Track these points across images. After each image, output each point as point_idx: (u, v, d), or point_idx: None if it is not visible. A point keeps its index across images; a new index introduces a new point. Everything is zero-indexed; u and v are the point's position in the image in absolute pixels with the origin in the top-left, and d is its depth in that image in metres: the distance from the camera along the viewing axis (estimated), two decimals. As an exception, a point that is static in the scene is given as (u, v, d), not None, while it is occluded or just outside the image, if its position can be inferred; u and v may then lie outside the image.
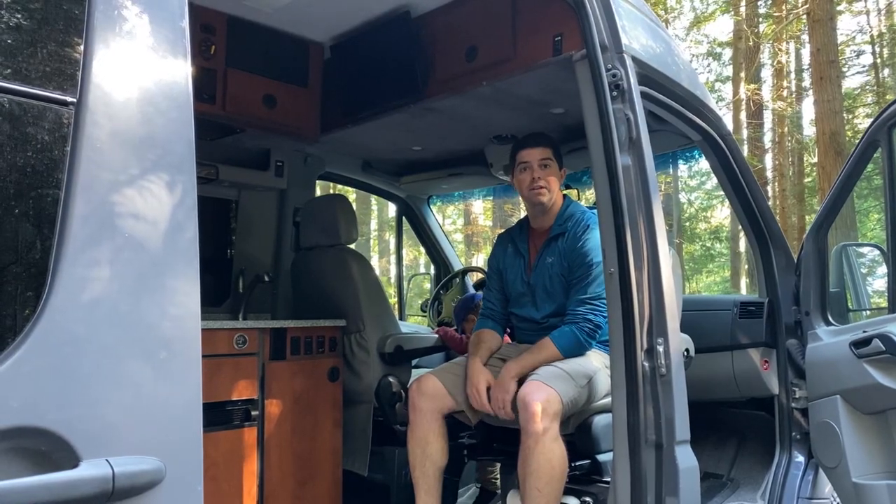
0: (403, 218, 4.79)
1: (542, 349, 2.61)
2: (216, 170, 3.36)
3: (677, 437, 2.24)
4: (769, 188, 17.79)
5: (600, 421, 2.63)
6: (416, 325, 4.63)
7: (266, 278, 3.50)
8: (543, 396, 2.36)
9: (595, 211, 2.46)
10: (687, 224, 21.24)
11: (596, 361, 2.63)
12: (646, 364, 2.26)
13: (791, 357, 3.29)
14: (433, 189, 4.51)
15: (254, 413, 2.95)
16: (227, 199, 3.73)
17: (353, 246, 3.52)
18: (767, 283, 3.38)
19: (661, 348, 2.25)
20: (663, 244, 2.33)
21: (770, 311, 3.34)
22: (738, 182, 3.23)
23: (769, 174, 17.92)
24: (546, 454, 2.33)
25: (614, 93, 2.38)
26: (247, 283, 3.57)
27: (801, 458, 3.23)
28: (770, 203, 13.41)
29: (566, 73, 2.56)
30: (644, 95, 2.55)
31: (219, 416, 2.83)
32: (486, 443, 2.98)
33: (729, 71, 18.38)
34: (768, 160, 18.28)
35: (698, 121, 3.00)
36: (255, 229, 3.78)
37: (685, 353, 2.93)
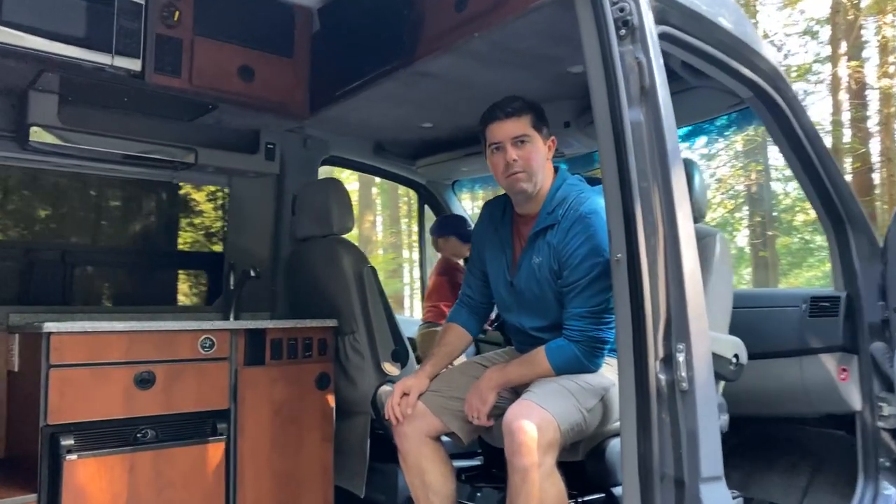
0: (426, 207, 4.35)
1: (532, 363, 2.12)
2: (195, 154, 3.02)
3: (703, 473, 1.71)
4: (876, 175, 16.31)
5: (616, 446, 2.11)
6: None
7: (253, 273, 3.15)
8: (535, 421, 1.87)
9: (600, 188, 1.94)
10: (782, 216, 19.92)
11: (611, 374, 2.11)
12: (661, 377, 1.75)
13: (877, 364, 2.71)
14: (454, 173, 4.05)
15: (220, 426, 2.59)
16: (215, 186, 3.41)
17: (352, 236, 3.11)
18: (845, 273, 2.79)
19: (681, 356, 1.74)
20: (685, 223, 1.80)
21: (848, 307, 2.77)
22: (803, 151, 2.63)
23: (875, 159, 16.42)
24: (536, 495, 1.84)
25: (622, 31, 1.88)
26: (238, 279, 3.23)
27: (890, 491, 2.64)
28: (877, 191, 12.24)
29: (570, 15, 2.05)
30: (667, 37, 2.03)
31: (175, 429, 2.49)
32: (488, 467, 2.51)
33: (828, 51, 16.97)
34: (874, 144, 16.75)
35: (748, 73, 2.43)
36: (248, 220, 3.43)
37: (733, 360, 2.36)
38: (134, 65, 2.57)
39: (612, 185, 1.85)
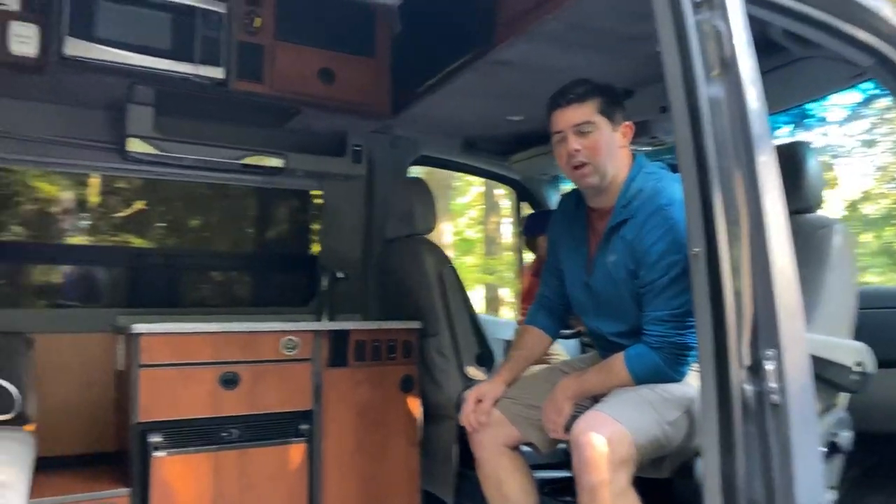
0: (523, 204, 4.19)
1: (610, 371, 1.94)
2: (284, 158, 3.07)
3: (799, 500, 1.47)
4: None
5: (707, 463, 1.89)
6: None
7: (341, 275, 3.17)
8: (605, 435, 1.70)
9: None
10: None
11: (698, 383, 1.88)
12: (747, 387, 1.53)
13: None
14: (551, 167, 3.85)
15: (302, 427, 2.60)
16: (308, 190, 3.46)
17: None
18: None
19: (770, 364, 1.50)
20: (776, 212, 1.57)
21: None
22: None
23: None
24: (606, 517, 1.67)
25: (698, -4, 1.67)
26: (329, 280, 3.26)
27: None
28: None
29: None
30: (759, 2, 1.79)
31: (258, 429, 2.53)
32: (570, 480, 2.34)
33: None
34: None
35: (867, 37, 2.11)
36: (340, 222, 3.45)
37: (856, 368, 2.06)
38: (217, 73, 2.65)
39: (688, 171, 1.64)
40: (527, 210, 4.12)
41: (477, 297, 11.09)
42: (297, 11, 2.84)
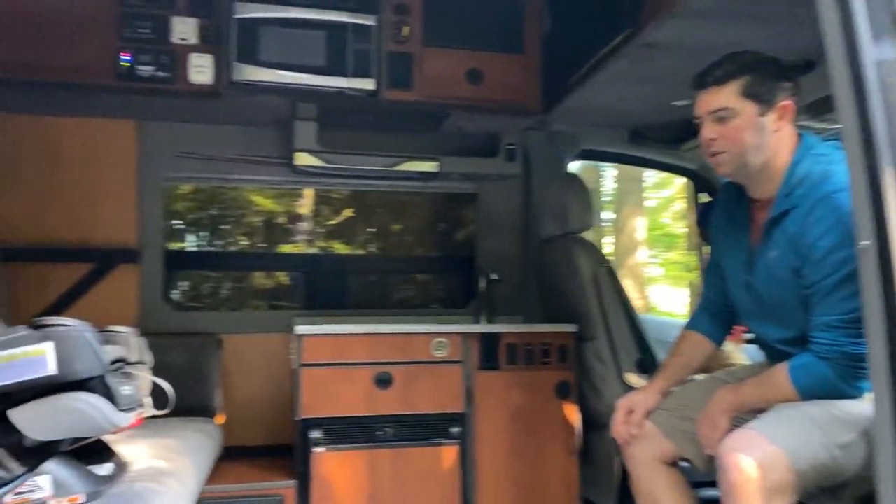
0: (700, 196, 3.84)
1: (771, 383, 1.70)
2: (438, 162, 3.10)
3: None
4: None
5: (898, 496, 1.58)
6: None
7: (495, 277, 3.13)
8: (756, 457, 1.48)
9: None
10: None
11: (881, 397, 1.58)
12: (933, 410, 1.25)
13: None
14: (729, 154, 3.50)
15: (454, 429, 2.60)
16: (466, 193, 3.47)
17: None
18: None
19: (964, 383, 1.22)
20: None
21: None
22: None
23: None
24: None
25: (864, -60, 1.40)
26: (487, 282, 3.24)
27: None
28: None
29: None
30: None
31: (412, 429, 2.57)
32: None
33: None
34: None
35: None
36: (497, 223, 3.41)
37: None
38: (368, 84, 2.74)
39: (853, 149, 1.38)
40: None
41: (682, 297, 10.46)
42: (444, 15, 2.85)
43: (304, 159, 2.97)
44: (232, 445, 2.81)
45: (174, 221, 3.79)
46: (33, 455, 1.44)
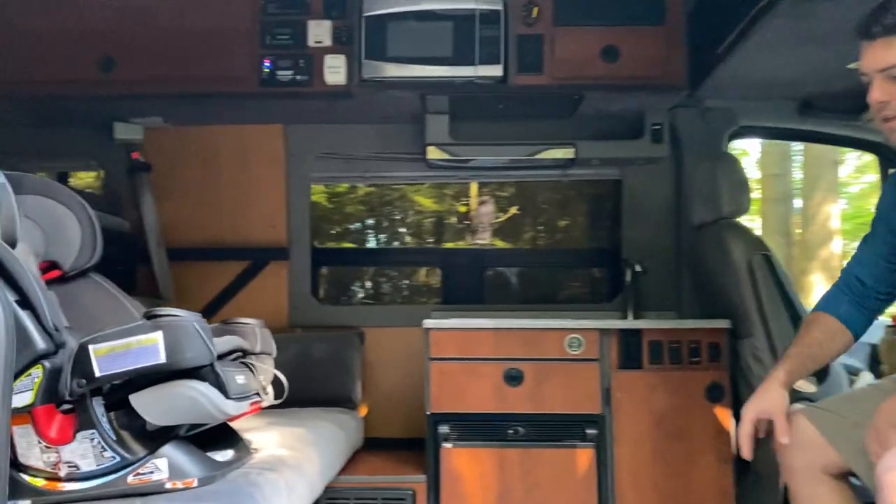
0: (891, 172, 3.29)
1: None
2: (574, 148, 2.93)
3: None
4: None
5: None
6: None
7: (640, 269, 2.91)
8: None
9: None
10: None
11: None
12: None
13: None
14: (926, 122, 2.96)
15: (589, 431, 2.44)
16: (610, 179, 3.26)
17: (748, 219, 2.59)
18: None
19: None
20: None
21: None
22: None
23: None
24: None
25: None
26: (633, 275, 3.02)
27: None
28: None
29: None
30: None
31: (543, 430, 2.45)
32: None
33: None
34: None
35: None
36: (644, 211, 3.16)
37: None
38: (496, 71, 2.66)
39: None
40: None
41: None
42: (575, -9, 2.69)
43: (435, 153, 2.95)
44: (372, 437, 2.86)
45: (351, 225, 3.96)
46: (154, 439, 1.52)
